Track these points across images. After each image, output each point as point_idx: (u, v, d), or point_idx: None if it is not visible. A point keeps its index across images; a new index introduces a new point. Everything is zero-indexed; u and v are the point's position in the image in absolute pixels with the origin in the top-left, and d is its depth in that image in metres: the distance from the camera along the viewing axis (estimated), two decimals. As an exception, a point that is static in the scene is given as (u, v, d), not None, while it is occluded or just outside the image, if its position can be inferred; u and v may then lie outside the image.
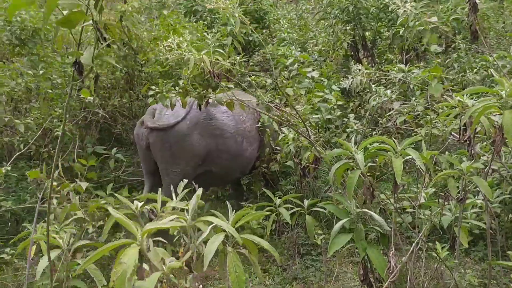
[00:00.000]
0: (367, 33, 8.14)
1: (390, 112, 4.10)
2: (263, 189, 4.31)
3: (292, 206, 4.11)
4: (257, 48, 9.70)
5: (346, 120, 4.12)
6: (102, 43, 1.99)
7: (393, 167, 2.44)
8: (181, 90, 3.78)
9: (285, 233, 4.67)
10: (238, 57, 7.29)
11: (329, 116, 3.92)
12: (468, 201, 3.20)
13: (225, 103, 3.80)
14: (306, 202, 4.04)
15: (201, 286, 3.94)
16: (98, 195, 5.69)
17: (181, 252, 2.31)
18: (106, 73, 6.43)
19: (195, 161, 4.60)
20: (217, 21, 9.67)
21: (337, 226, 3.27)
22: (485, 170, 2.70)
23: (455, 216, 3.18)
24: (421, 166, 2.46)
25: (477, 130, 2.78)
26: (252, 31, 10.80)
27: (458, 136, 2.87)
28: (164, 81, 4.03)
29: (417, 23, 4.17)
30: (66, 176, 5.47)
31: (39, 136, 5.52)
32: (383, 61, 7.97)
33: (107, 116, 6.08)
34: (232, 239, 2.24)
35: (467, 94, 2.65)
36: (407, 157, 2.60)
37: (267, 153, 4.95)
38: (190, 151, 4.51)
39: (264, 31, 10.24)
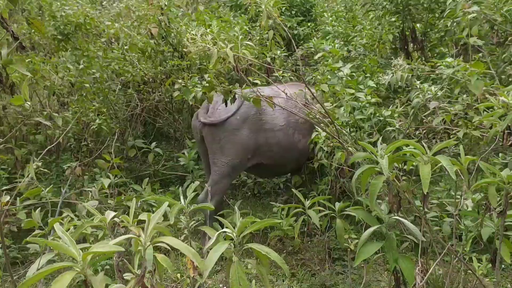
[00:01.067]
0: (418, 25, 7.68)
1: (428, 111, 3.78)
2: (293, 189, 4.13)
3: (323, 208, 3.92)
4: (302, 42, 9.46)
5: (382, 118, 3.84)
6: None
7: (420, 175, 2.19)
8: (207, 85, 3.66)
9: (317, 236, 4.48)
10: (278, 52, 7.18)
11: (360, 116, 3.67)
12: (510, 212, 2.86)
13: (251, 100, 3.64)
14: (337, 205, 3.83)
15: (225, 287, 3.86)
16: (135, 189, 5.77)
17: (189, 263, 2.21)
18: (147, 68, 6.47)
19: (244, 155, 4.73)
20: (261, 14, 9.43)
21: (365, 234, 3.04)
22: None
23: (498, 227, 2.86)
24: (452, 175, 2.19)
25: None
26: (297, 24, 10.56)
27: (502, 140, 2.56)
28: (190, 75, 3.94)
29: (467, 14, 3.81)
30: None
31: (79, 130, 5.64)
32: (435, 55, 7.50)
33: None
34: (240, 247, 2.09)
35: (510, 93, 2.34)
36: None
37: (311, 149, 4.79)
38: (239, 145, 4.67)
39: (309, 24, 9.98)
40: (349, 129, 3.75)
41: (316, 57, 5.02)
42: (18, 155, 5.55)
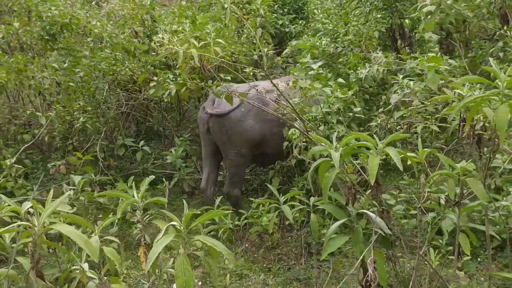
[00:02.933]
0: (406, 21, 7.67)
1: (391, 106, 3.79)
2: (268, 185, 4.16)
3: (298, 204, 3.96)
4: (293, 40, 9.49)
5: (352, 113, 3.86)
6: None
7: (369, 166, 2.22)
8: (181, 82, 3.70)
9: (295, 231, 4.51)
10: (265, 49, 7.19)
11: (327, 109, 3.69)
12: (474, 203, 2.88)
13: (222, 96, 3.68)
14: (312, 200, 3.86)
15: (200, 283, 3.90)
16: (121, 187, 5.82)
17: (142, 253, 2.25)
18: (137, 66, 6.52)
19: (250, 144, 4.99)
20: (253, 12, 9.51)
21: (332, 228, 3.08)
22: (483, 171, 2.40)
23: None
24: (399, 166, 2.22)
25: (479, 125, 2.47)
26: (289, 22, 10.56)
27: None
28: (163, 72, 3.98)
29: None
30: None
31: (64, 129, 5.70)
32: (424, 50, 7.49)
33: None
34: (187, 239, 2.13)
35: (463, 85, 2.36)
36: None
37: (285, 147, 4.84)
38: (244, 135, 4.91)
39: (301, 22, 9.99)
40: (319, 124, 3.78)
41: (284, 53, 5.07)
42: (6, 155, 5.63)
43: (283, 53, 8.70)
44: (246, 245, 4.39)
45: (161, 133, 7.67)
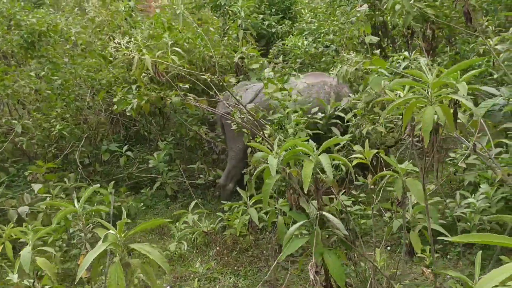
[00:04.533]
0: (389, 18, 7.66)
1: (341, 107, 3.79)
2: (237, 188, 4.18)
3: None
4: (280, 40, 9.50)
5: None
6: None
7: (303, 173, 2.23)
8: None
9: (268, 233, 4.53)
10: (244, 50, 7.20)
11: (278, 115, 3.70)
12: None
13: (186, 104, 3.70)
14: (280, 202, 3.87)
15: (168, 287, 3.92)
16: (102, 193, 5.86)
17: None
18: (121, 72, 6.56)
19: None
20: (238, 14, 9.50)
21: (291, 229, 3.09)
22: (422, 172, 2.40)
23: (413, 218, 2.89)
24: (329, 173, 2.23)
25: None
26: (276, 22, 10.57)
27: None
28: (122, 86, 4.01)
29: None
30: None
31: (44, 136, 5.74)
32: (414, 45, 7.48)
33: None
34: (123, 248, 2.15)
35: (395, 88, 2.36)
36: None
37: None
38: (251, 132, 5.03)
39: (287, 22, 10.00)
40: (277, 128, 3.79)
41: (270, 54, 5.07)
42: (-13, 163, 5.68)
43: (269, 54, 8.74)
44: (217, 248, 4.41)
45: (146, 137, 7.70)
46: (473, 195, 4.08)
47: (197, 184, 6.51)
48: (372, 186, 2.73)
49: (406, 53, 4.67)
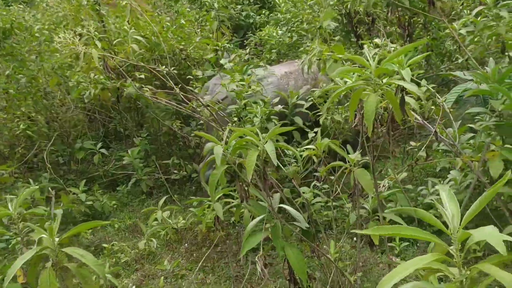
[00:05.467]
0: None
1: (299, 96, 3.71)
2: (202, 183, 4.10)
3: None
4: (258, 30, 9.39)
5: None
6: None
7: (246, 162, 2.15)
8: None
9: (237, 227, 4.47)
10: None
11: (232, 106, 3.61)
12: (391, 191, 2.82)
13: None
14: (245, 196, 3.79)
15: (134, 287, 3.84)
16: (72, 191, 5.77)
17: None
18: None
19: None
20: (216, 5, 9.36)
21: (251, 224, 3.03)
22: (372, 160, 2.33)
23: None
24: (273, 160, 2.15)
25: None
26: (254, 12, 10.46)
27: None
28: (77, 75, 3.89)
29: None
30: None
31: (11, 136, 5.61)
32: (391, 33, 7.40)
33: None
34: (56, 252, 2.06)
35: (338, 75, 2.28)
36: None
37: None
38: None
39: (264, 12, 9.87)
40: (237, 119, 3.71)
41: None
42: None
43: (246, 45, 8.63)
44: (186, 244, 4.33)
45: (121, 134, 7.58)
46: (441, 182, 4.03)
47: (173, 180, 6.42)
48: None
49: (377, 40, 4.61)
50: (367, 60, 2.04)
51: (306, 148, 2.68)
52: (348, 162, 2.41)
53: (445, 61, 6.81)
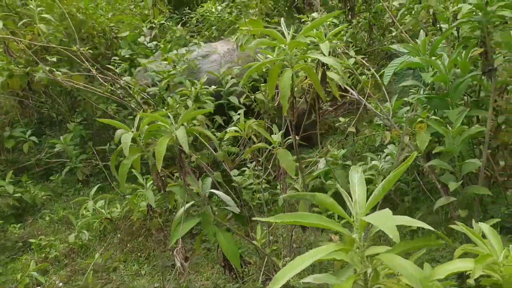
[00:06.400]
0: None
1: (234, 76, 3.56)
2: (133, 170, 3.86)
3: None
4: (200, 7, 9.06)
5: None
6: None
7: (156, 150, 1.97)
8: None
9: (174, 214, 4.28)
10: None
11: (153, 89, 3.40)
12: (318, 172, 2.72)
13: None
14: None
15: (61, 284, 3.61)
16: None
17: None
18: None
19: None
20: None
21: (179, 213, 2.87)
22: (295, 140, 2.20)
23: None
24: (185, 147, 1.98)
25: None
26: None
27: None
28: None
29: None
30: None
31: None
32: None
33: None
34: None
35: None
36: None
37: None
38: None
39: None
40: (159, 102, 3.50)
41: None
42: None
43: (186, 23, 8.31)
44: (119, 235, 4.12)
45: (54, 119, 7.15)
46: (378, 156, 4.01)
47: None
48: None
49: (315, 14, 4.49)
50: (282, 34, 1.88)
51: (229, 131, 2.53)
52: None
53: (386, 35, 6.81)
